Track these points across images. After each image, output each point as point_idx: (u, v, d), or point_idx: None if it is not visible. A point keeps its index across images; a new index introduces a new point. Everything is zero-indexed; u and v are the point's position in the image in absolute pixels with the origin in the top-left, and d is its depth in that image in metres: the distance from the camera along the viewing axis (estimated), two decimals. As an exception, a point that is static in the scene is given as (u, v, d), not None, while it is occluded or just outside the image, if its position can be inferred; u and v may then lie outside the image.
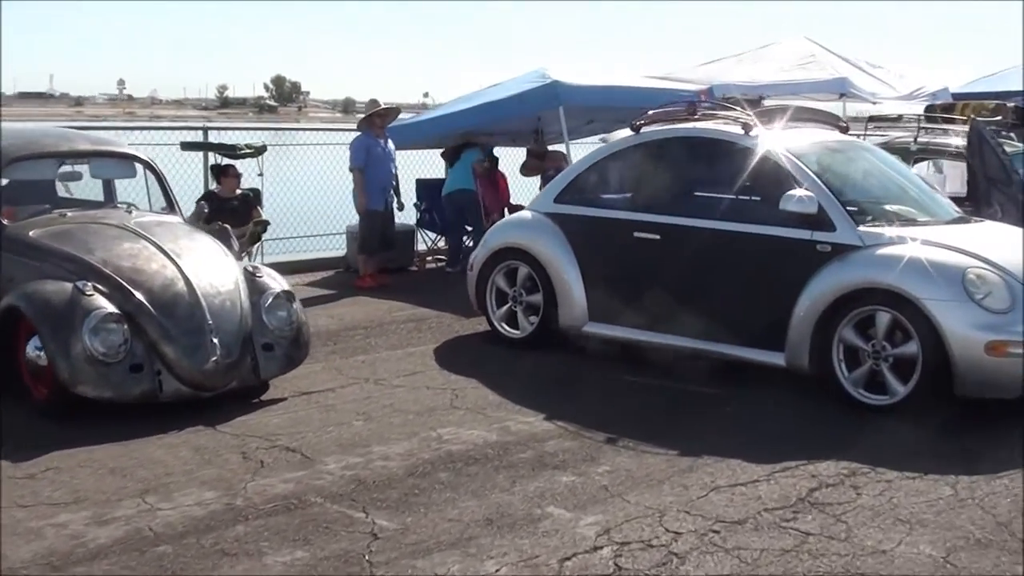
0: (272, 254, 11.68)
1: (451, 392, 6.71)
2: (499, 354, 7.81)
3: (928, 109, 11.44)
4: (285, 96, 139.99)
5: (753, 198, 7.02)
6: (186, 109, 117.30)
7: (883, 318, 6.24)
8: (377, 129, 10.85)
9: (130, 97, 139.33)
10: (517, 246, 7.98)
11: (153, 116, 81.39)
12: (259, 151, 10.67)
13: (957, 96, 16.80)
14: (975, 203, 8.96)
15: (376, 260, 10.95)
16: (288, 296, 6.80)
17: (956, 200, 9.68)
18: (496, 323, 8.11)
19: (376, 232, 10.81)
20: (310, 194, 12.35)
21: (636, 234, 7.32)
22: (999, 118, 10.17)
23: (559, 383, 7.11)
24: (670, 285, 7.20)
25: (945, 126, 10.09)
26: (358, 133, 10.97)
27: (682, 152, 7.51)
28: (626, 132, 7.74)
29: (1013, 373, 6.01)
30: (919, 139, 9.81)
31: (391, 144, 11.02)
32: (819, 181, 6.70)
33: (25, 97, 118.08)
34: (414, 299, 9.88)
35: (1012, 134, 10.82)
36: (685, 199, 7.28)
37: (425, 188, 12.31)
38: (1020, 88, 19.01)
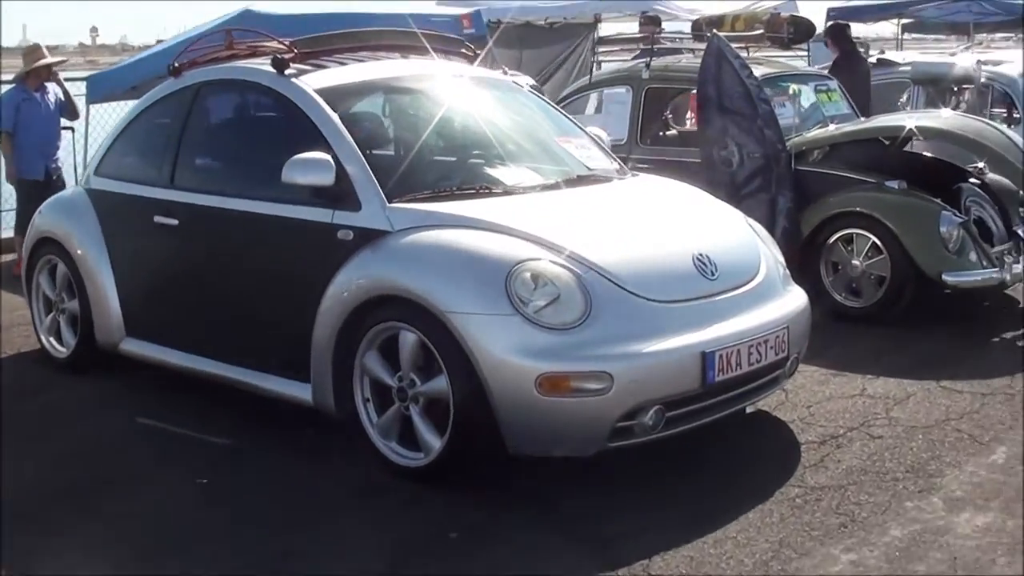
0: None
1: None
2: (28, 382, 5.86)
3: (694, 26, 9.26)
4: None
5: (280, 164, 4.98)
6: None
7: (408, 339, 4.25)
8: (34, 81, 8.80)
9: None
10: (53, 236, 5.99)
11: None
12: None
13: (838, 13, 14.66)
14: (705, 143, 6.91)
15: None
16: None
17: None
18: (43, 337, 6.14)
19: (34, 206, 8.78)
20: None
21: (156, 219, 5.32)
22: (760, 32, 7.98)
23: (39, 433, 5.14)
24: (194, 288, 5.23)
25: (694, 46, 7.91)
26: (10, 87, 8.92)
27: (213, 102, 5.48)
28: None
29: (587, 419, 4.02)
30: (654, 65, 7.54)
31: (53, 97, 8.97)
32: (349, 138, 4.66)
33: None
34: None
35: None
36: (210, 168, 5.29)
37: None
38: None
